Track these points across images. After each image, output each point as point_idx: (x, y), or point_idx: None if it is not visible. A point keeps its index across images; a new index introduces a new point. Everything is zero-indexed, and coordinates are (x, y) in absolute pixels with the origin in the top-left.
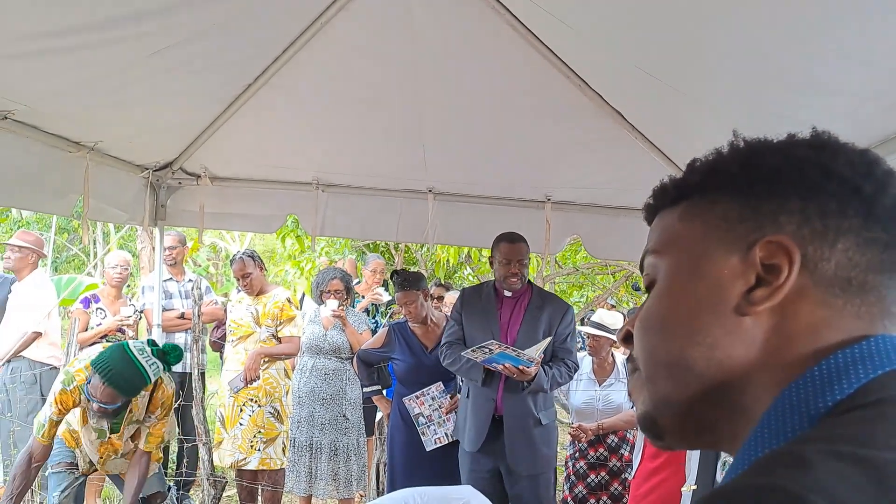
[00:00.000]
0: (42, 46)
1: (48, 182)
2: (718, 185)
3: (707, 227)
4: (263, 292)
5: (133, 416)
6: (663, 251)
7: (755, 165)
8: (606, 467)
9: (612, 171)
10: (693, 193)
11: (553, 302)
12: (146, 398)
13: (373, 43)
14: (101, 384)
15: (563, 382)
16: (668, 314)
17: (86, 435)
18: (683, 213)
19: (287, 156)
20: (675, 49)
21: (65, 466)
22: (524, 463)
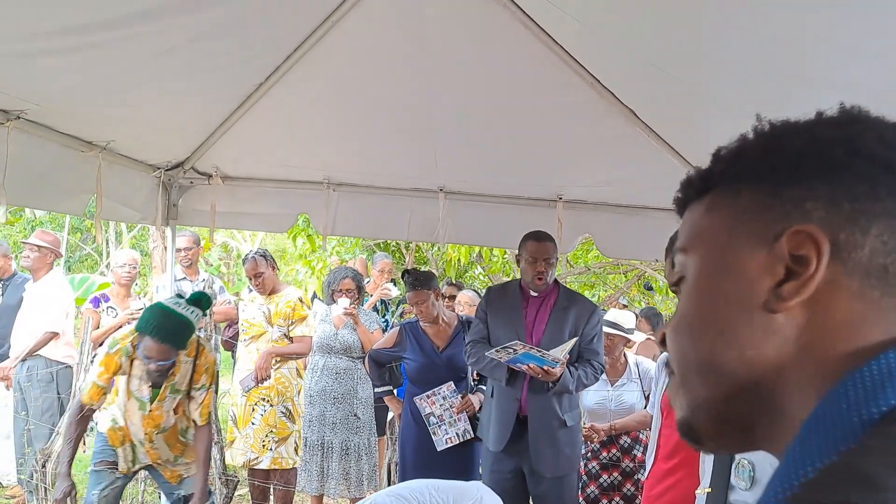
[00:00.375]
0: (54, 45)
1: (61, 182)
2: (742, 174)
3: (733, 220)
4: (275, 292)
5: (175, 384)
6: (690, 248)
7: (778, 149)
8: (619, 468)
9: (625, 169)
10: (718, 184)
11: (580, 302)
12: (190, 365)
13: (384, 41)
14: (153, 343)
15: (588, 384)
16: (696, 314)
17: (131, 413)
18: (709, 206)
19: (298, 155)
20: (688, 46)
21: (106, 465)
22: (548, 464)
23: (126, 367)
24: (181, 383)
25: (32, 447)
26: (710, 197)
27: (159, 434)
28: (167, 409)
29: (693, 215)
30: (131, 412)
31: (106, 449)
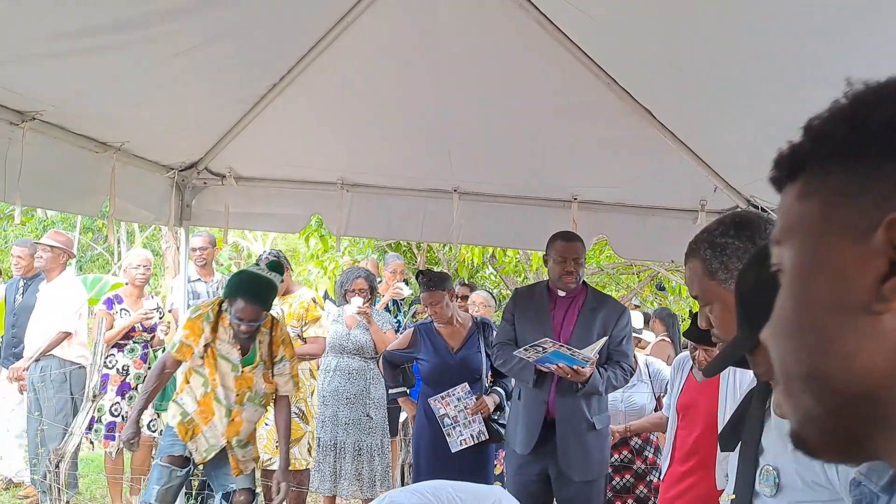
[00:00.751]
0: (69, 47)
1: (75, 182)
2: (831, 152)
3: (825, 206)
4: (289, 292)
5: (260, 352)
6: (784, 240)
7: (863, 121)
8: (631, 470)
9: (640, 170)
10: (809, 163)
11: (608, 303)
12: (267, 336)
13: (398, 41)
14: (245, 304)
15: (618, 386)
16: (792, 317)
17: (221, 377)
18: (801, 191)
19: (312, 155)
20: (705, 46)
21: (170, 460)
22: (577, 468)
23: (209, 334)
24: (264, 353)
25: (46, 447)
26: (802, 178)
27: (250, 401)
28: (258, 375)
29: (786, 200)
30: (223, 375)
31: (176, 444)
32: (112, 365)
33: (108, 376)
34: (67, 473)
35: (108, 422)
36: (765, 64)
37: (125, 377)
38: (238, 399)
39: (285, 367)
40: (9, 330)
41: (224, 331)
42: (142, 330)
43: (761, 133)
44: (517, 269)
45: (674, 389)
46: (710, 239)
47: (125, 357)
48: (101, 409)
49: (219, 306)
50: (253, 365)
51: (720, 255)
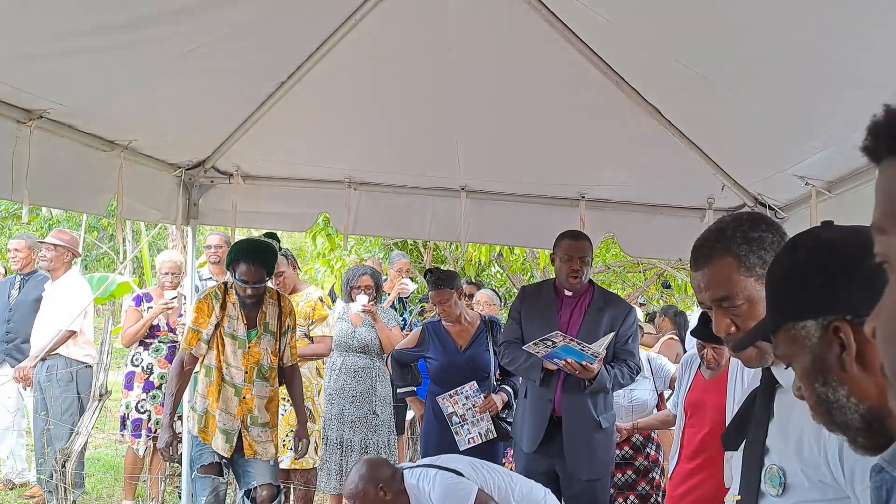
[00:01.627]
0: (76, 46)
1: (82, 181)
2: None
3: None
4: (296, 291)
5: (267, 323)
6: (890, 228)
7: None
8: (633, 466)
9: (649, 168)
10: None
11: (615, 302)
12: (276, 307)
13: (406, 40)
14: (246, 267)
15: (625, 384)
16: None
17: (230, 356)
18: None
19: (319, 154)
20: (714, 43)
21: (205, 470)
22: (583, 467)
23: (218, 312)
24: (272, 324)
25: (52, 447)
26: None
27: (259, 379)
28: (264, 348)
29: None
30: (230, 355)
31: (204, 453)
32: (138, 363)
33: (134, 374)
34: (74, 473)
35: (134, 419)
36: (773, 63)
37: (149, 376)
38: (247, 377)
39: (289, 337)
40: (2, 325)
41: (231, 307)
42: (167, 330)
43: (769, 131)
44: (524, 267)
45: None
46: (743, 234)
47: (150, 356)
48: (128, 406)
49: (224, 285)
50: (257, 336)
51: (758, 250)
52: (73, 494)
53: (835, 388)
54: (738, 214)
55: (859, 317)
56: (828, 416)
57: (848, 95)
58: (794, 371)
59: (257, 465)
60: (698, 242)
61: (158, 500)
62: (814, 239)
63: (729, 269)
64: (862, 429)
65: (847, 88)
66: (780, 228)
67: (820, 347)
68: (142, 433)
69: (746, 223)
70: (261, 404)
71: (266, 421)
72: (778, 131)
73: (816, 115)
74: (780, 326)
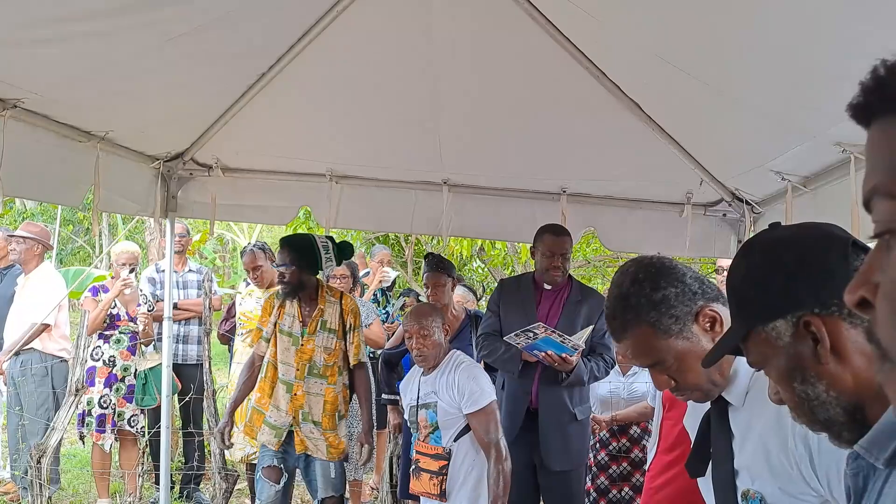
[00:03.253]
0: (53, 34)
1: (58, 172)
2: None
3: None
4: (274, 284)
5: (324, 320)
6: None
7: None
8: (628, 458)
9: (629, 163)
10: None
11: (592, 296)
12: (336, 306)
13: (389, 33)
14: (279, 249)
15: (600, 377)
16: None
17: (283, 353)
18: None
19: (300, 147)
20: (694, 39)
21: (266, 473)
22: (558, 458)
23: (276, 310)
24: (331, 322)
25: (27, 443)
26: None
27: (311, 376)
28: (318, 345)
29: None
30: (284, 351)
31: (265, 455)
32: (98, 356)
33: (95, 368)
34: (49, 469)
35: (97, 414)
36: (751, 59)
37: (112, 368)
38: (298, 374)
39: (354, 336)
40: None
41: (290, 305)
42: (128, 320)
43: (747, 127)
44: (506, 261)
45: None
46: (647, 299)
47: (111, 348)
48: (90, 401)
49: None
50: (310, 333)
51: (667, 310)
52: (49, 491)
53: (814, 384)
54: (635, 273)
55: (827, 308)
56: (810, 415)
57: (823, 91)
58: (768, 376)
59: (318, 472)
60: (608, 313)
61: (136, 496)
62: (765, 240)
63: (647, 338)
64: (845, 422)
65: (822, 84)
66: (677, 273)
67: (793, 345)
68: (106, 428)
69: (646, 284)
70: (313, 401)
71: (318, 420)
72: (755, 127)
73: (792, 111)
74: (750, 332)
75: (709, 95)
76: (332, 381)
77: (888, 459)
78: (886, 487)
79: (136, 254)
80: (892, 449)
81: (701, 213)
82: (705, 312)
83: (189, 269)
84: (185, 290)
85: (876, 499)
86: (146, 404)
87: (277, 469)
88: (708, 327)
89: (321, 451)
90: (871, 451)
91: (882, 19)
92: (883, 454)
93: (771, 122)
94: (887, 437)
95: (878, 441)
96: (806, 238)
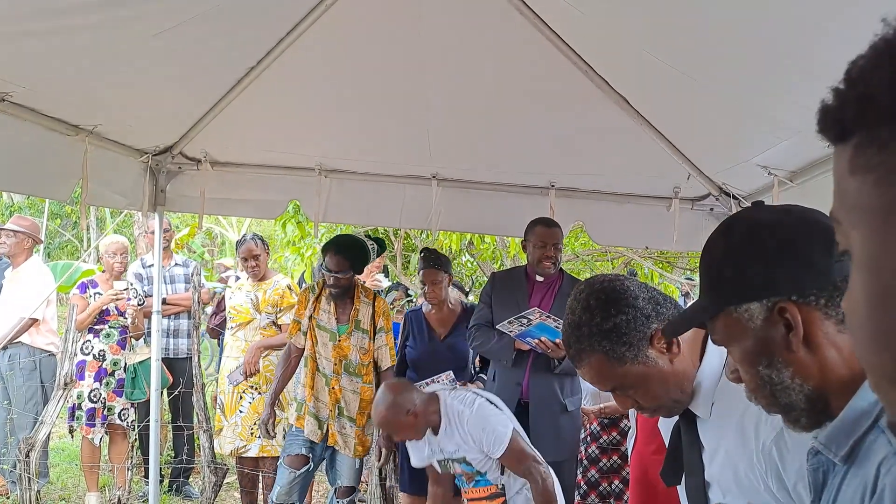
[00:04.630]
0: (42, 27)
1: (46, 166)
2: (879, 119)
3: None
4: (264, 278)
5: (359, 321)
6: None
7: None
8: (619, 451)
9: (617, 157)
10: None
11: None
12: (369, 307)
13: (378, 27)
14: (331, 256)
15: None
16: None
17: (321, 347)
18: (854, 161)
19: (290, 141)
20: (680, 34)
21: (289, 461)
22: (549, 448)
23: (311, 304)
24: (364, 322)
25: (15, 437)
26: (852, 146)
27: (346, 371)
28: (354, 345)
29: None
30: (322, 345)
31: (293, 443)
32: (88, 351)
33: (85, 363)
34: (38, 462)
35: (87, 408)
36: (737, 54)
37: (101, 363)
38: (336, 368)
39: (382, 338)
40: None
41: (325, 301)
42: (117, 314)
43: (734, 122)
44: (494, 255)
45: None
46: (598, 329)
47: (101, 342)
48: (80, 395)
49: (323, 279)
50: (347, 332)
51: (618, 337)
52: (37, 484)
53: (779, 369)
54: (586, 299)
55: (804, 297)
56: (771, 398)
57: (809, 86)
58: (731, 355)
59: (344, 463)
60: (563, 340)
61: (126, 489)
62: (748, 221)
63: (602, 366)
64: (805, 409)
65: (808, 79)
66: (628, 298)
67: (765, 330)
68: (96, 422)
69: (597, 313)
70: (349, 397)
71: (352, 416)
72: (742, 122)
73: (779, 105)
74: (721, 311)
75: (696, 91)
76: (367, 381)
77: (846, 456)
78: (844, 484)
79: (125, 247)
80: (849, 445)
81: (688, 207)
82: (659, 335)
83: (175, 262)
84: (172, 285)
85: (835, 495)
86: (135, 398)
87: (304, 458)
88: (664, 349)
89: (349, 447)
90: (830, 448)
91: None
92: (841, 450)
93: (758, 118)
94: (845, 434)
95: (837, 438)
96: (791, 224)
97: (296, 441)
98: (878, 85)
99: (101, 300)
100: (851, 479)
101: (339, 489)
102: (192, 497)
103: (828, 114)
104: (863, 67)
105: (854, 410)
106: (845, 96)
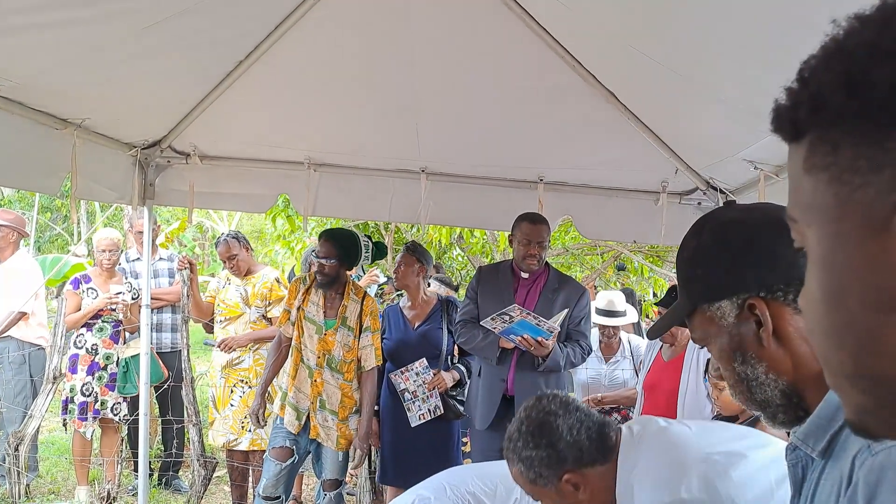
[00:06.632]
0: (29, 21)
1: (35, 160)
2: (831, 120)
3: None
4: (251, 273)
5: (346, 318)
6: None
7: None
8: None
9: (605, 151)
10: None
11: (569, 284)
12: (357, 305)
13: (367, 21)
14: (323, 241)
15: (577, 363)
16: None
17: (307, 339)
18: (808, 160)
19: (279, 135)
20: (668, 28)
21: (274, 454)
22: None
23: (301, 296)
24: (351, 319)
25: (5, 430)
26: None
27: (328, 365)
28: (339, 341)
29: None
30: (307, 338)
31: (277, 436)
32: (81, 345)
33: (78, 356)
34: (27, 456)
35: (80, 402)
36: (726, 48)
37: (94, 356)
38: (319, 361)
39: (368, 338)
40: None
41: (315, 293)
42: (111, 310)
43: (720, 116)
44: (484, 249)
45: (644, 369)
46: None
47: (94, 336)
48: (73, 389)
49: (314, 275)
50: (334, 328)
51: (529, 468)
52: (27, 478)
53: (753, 365)
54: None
55: (772, 293)
56: (748, 394)
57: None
58: (710, 353)
59: (328, 456)
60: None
61: (115, 483)
62: (717, 220)
63: (518, 478)
64: (782, 404)
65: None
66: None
67: (737, 326)
68: (88, 416)
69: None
70: (331, 391)
71: (334, 410)
72: (728, 117)
73: (764, 100)
74: (696, 310)
75: (682, 85)
76: (348, 378)
77: (823, 450)
78: (822, 478)
79: (115, 243)
80: (826, 440)
81: (676, 201)
82: (568, 478)
83: (160, 257)
84: (156, 279)
85: (813, 489)
86: (127, 392)
87: (288, 450)
88: (572, 490)
89: (332, 440)
90: (808, 442)
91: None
92: (819, 445)
93: (744, 112)
94: (822, 429)
95: (814, 432)
96: (757, 221)
97: (280, 433)
98: (829, 86)
99: (96, 303)
100: (829, 473)
101: (325, 482)
102: (181, 491)
103: (782, 113)
104: (814, 68)
105: (830, 405)
106: (798, 96)
